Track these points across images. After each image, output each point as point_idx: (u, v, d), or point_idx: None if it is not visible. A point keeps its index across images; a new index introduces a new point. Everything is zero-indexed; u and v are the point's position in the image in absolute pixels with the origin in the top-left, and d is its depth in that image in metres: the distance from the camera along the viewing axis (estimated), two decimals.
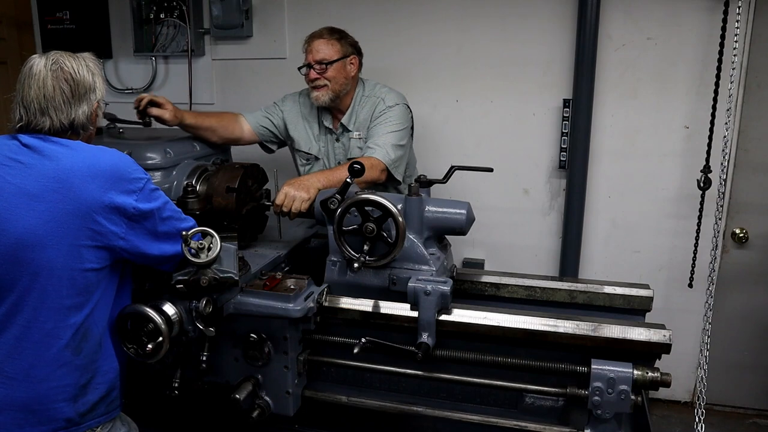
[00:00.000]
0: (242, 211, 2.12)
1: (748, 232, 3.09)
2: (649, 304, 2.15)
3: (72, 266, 1.52)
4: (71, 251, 1.52)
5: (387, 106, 2.61)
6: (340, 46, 2.59)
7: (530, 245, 3.29)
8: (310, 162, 2.76)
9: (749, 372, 3.23)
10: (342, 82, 2.60)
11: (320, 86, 2.58)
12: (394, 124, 2.56)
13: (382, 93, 2.66)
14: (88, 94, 1.63)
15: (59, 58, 1.61)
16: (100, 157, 1.59)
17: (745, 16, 2.80)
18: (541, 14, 3.05)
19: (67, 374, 1.57)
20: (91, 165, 1.55)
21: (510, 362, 1.79)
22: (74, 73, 1.60)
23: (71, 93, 1.60)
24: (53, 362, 1.54)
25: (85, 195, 1.52)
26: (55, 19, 3.72)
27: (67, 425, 1.59)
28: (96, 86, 1.66)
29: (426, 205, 2.00)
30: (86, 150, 1.60)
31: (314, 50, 2.57)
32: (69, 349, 1.55)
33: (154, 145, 2.20)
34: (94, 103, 1.66)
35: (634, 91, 3.02)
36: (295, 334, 1.87)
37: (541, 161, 3.19)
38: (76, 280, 1.54)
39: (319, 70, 2.56)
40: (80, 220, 1.52)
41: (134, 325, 1.68)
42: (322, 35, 2.59)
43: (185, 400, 1.92)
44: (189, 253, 1.66)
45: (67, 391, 1.57)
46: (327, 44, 2.57)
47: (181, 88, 3.60)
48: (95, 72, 1.67)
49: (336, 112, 2.70)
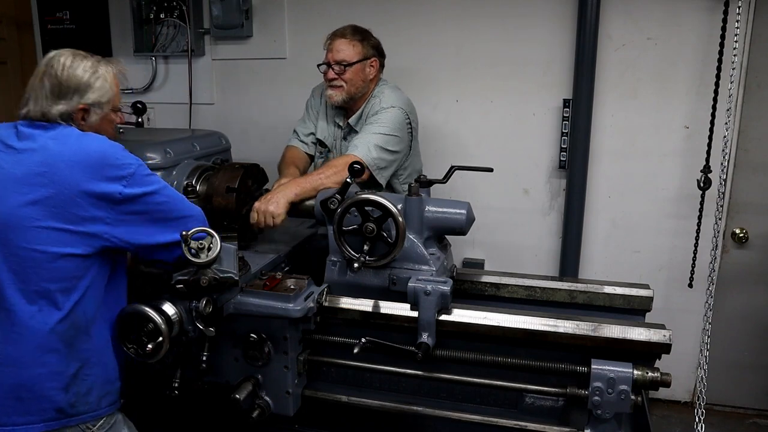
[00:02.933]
0: (242, 211, 2.13)
1: (748, 232, 3.09)
2: (649, 304, 2.15)
3: (54, 251, 1.53)
4: (53, 235, 1.53)
5: (382, 107, 2.54)
6: (361, 47, 2.55)
7: (530, 245, 3.29)
8: (323, 154, 2.76)
9: (749, 372, 3.23)
10: (359, 84, 2.57)
11: (336, 86, 2.55)
12: (383, 126, 2.47)
13: (383, 93, 2.60)
14: (71, 96, 1.64)
15: (59, 57, 1.65)
16: (88, 143, 1.60)
17: (745, 16, 2.80)
18: (541, 14, 3.05)
19: (56, 361, 1.56)
20: (77, 151, 1.57)
21: (510, 362, 1.79)
22: (62, 71, 1.63)
23: (51, 89, 1.62)
24: (40, 347, 1.54)
25: (69, 180, 1.53)
26: (55, 19, 3.73)
27: (58, 416, 1.58)
28: (90, 89, 1.65)
29: (426, 205, 2.00)
30: (75, 136, 1.61)
31: (335, 49, 2.54)
32: (56, 334, 1.55)
33: (154, 145, 2.19)
34: (79, 104, 1.65)
35: (634, 91, 3.02)
36: (295, 334, 1.87)
37: (541, 161, 3.19)
38: (59, 265, 1.54)
39: (338, 71, 2.53)
40: (64, 204, 1.53)
41: (134, 325, 1.68)
42: (344, 35, 2.55)
43: (185, 400, 1.91)
44: (189, 253, 1.66)
45: (56, 379, 1.56)
46: (348, 45, 2.53)
47: (181, 88, 3.60)
48: (102, 77, 1.68)
49: (349, 112, 2.68)
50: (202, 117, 3.63)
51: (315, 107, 2.80)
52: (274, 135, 3.46)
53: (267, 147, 3.39)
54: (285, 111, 3.40)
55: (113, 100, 1.73)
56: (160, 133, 2.54)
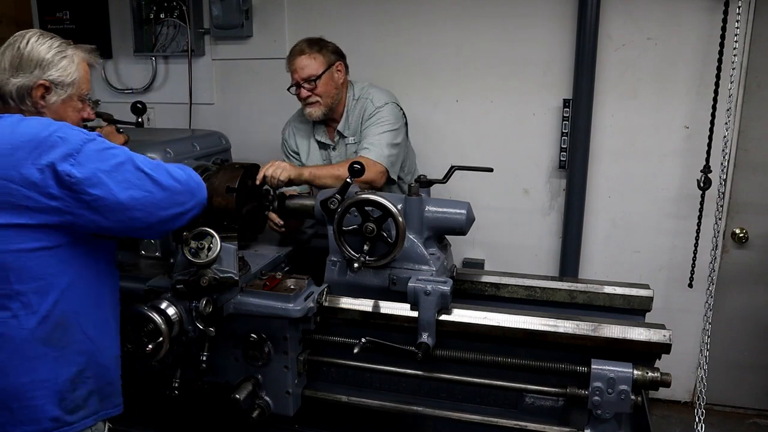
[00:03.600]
0: (242, 211, 2.12)
1: (748, 232, 3.09)
2: (649, 304, 2.15)
3: (10, 248, 1.39)
4: (9, 233, 1.39)
5: (376, 106, 2.59)
6: (322, 58, 2.55)
7: (530, 245, 3.29)
8: None
9: (749, 372, 3.23)
10: (333, 93, 2.59)
11: (312, 103, 2.58)
12: (386, 123, 2.56)
13: (370, 94, 2.65)
14: (32, 70, 1.52)
15: (26, 34, 1.56)
16: (26, 124, 1.45)
17: (745, 16, 2.80)
18: (541, 14, 3.05)
19: (43, 367, 1.45)
20: (14, 134, 1.42)
21: (510, 362, 1.79)
22: (26, 45, 1.53)
23: (11, 62, 1.52)
24: (21, 353, 1.43)
25: (8, 169, 1.38)
26: (55, 19, 3.72)
27: (56, 425, 1.47)
28: (53, 66, 1.54)
29: (426, 205, 2.00)
30: (14, 121, 1.46)
31: (299, 68, 2.54)
32: (38, 339, 1.43)
33: (154, 145, 2.20)
34: (37, 80, 1.52)
35: (634, 91, 3.02)
36: (295, 334, 1.87)
37: (541, 161, 3.19)
38: (22, 263, 1.40)
39: (309, 88, 2.55)
40: (8, 197, 1.38)
41: (134, 325, 1.68)
42: (302, 51, 2.55)
43: (185, 400, 1.91)
44: (189, 253, 1.66)
45: (46, 386, 1.45)
46: (309, 59, 2.54)
47: (181, 88, 3.60)
48: (68, 57, 1.57)
49: (330, 122, 2.71)
50: (202, 117, 3.63)
51: (293, 146, 2.81)
52: (274, 135, 3.45)
53: (267, 147, 3.39)
54: (285, 111, 3.38)
55: (79, 84, 1.59)
56: (160, 133, 2.55)
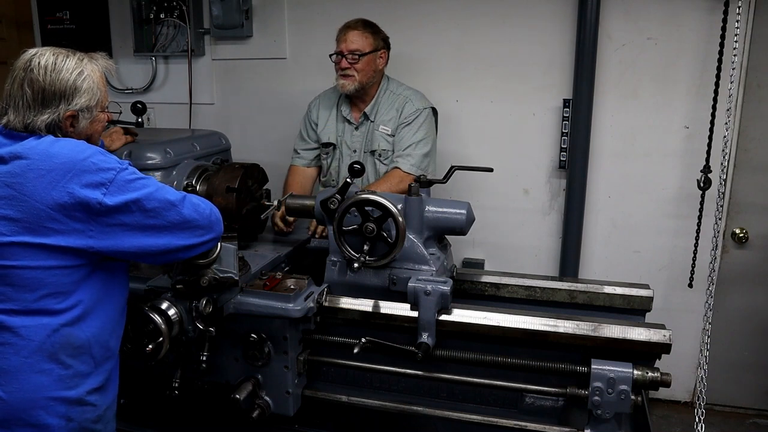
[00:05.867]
0: (242, 211, 2.12)
1: (748, 232, 3.09)
2: (649, 304, 2.15)
3: (30, 264, 1.40)
4: (28, 251, 1.40)
5: (416, 108, 2.72)
6: (373, 40, 2.70)
7: (530, 245, 3.29)
8: (329, 154, 2.84)
9: (749, 372, 3.23)
10: (370, 74, 2.70)
11: (348, 75, 2.67)
12: (423, 132, 2.68)
13: (409, 93, 2.77)
14: (57, 104, 1.48)
15: (39, 58, 1.49)
16: (59, 149, 1.43)
17: (745, 16, 2.80)
18: (541, 14, 3.05)
19: (49, 385, 1.44)
20: (46, 159, 1.41)
21: (510, 362, 1.79)
22: (45, 76, 1.48)
23: (33, 97, 1.47)
24: (25, 367, 1.42)
25: (40, 192, 1.39)
26: (55, 19, 3.73)
27: None
28: (77, 94, 1.50)
29: (426, 205, 2.00)
30: (46, 143, 1.45)
31: (348, 40, 2.66)
32: (43, 353, 1.43)
33: (154, 145, 2.20)
34: (65, 111, 1.49)
35: (634, 91, 3.02)
36: (295, 334, 1.87)
37: (541, 161, 3.19)
38: (39, 279, 1.41)
39: (351, 60, 2.65)
40: (36, 219, 1.39)
41: (134, 325, 1.68)
42: (357, 27, 2.69)
43: (185, 400, 1.91)
44: None
45: (51, 405, 1.44)
46: (361, 36, 2.67)
47: (181, 88, 3.60)
48: (88, 77, 1.52)
49: (358, 102, 2.79)
50: (202, 117, 3.63)
51: (314, 117, 2.88)
52: (274, 135, 3.46)
53: (267, 147, 3.39)
54: (285, 111, 3.40)
55: (101, 100, 1.57)
56: (160, 133, 2.55)
